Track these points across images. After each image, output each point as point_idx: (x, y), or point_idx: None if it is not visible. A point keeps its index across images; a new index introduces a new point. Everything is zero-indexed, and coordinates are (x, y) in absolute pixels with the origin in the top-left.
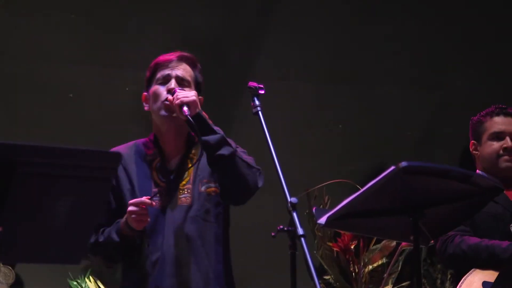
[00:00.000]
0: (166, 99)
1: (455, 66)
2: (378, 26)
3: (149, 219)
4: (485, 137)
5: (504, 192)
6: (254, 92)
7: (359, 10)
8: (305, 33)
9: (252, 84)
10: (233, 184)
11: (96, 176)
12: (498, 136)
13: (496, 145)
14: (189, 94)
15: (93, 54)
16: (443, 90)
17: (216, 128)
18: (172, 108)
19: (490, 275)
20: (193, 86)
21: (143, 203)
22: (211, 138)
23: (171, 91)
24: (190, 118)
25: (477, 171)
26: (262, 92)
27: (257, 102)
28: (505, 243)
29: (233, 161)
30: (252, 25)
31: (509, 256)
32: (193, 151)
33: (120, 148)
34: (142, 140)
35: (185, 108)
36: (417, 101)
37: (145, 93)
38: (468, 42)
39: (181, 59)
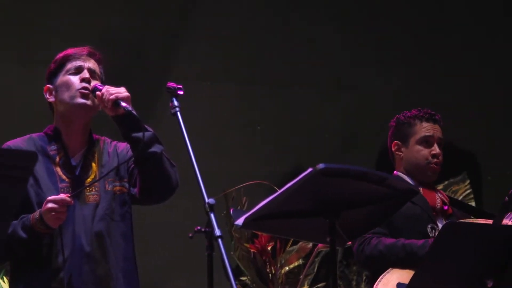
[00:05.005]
0: (83, 87)
1: (373, 68)
2: (297, 27)
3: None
4: (413, 140)
5: (422, 193)
6: (173, 93)
7: (279, 12)
8: (224, 34)
9: (171, 84)
10: (159, 182)
11: (12, 176)
12: (428, 141)
13: (425, 151)
14: (122, 90)
15: (9, 53)
16: (361, 92)
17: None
18: (89, 96)
19: (407, 274)
20: (99, 82)
21: (63, 201)
22: (143, 135)
23: (85, 80)
24: (132, 111)
25: (396, 172)
26: (181, 92)
27: (175, 103)
28: (421, 241)
29: (162, 159)
30: (172, 25)
31: (426, 254)
32: (93, 149)
33: (17, 142)
34: (37, 134)
35: (123, 104)
36: (335, 103)
37: (48, 85)
38: (386, 44)
39: (90, 54)
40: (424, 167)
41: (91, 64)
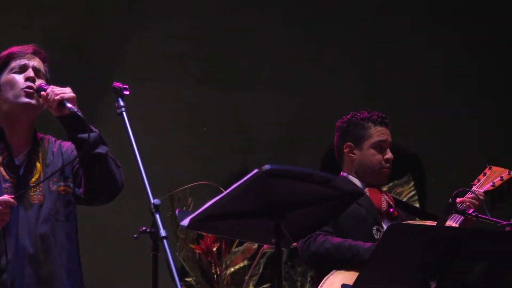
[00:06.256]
0: (28, 87)
1: (319, 69)
2: (244, 28)
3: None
4: (367, 144)
5: (369, 195)
6: (119, 93)
7: (225, 13)
8: (171, 35)
9: (117, 84)
10: (104, 183)
11: None
12: (382, 146)
13: (379, 155)
14: (67, 90)
15: None
16: (306, 93)
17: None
18: (33, 96)
19: (351, 276)
20: (44, 81)
21: (6, 202)
22: (88, 136)
23: (30, 79)
24: (78, 112)
25: (342, 173)
26: (127, 93)
27: (121, 103)
28: (367, 244)
29: (107, 160)
30: (117, 25)
31: (370, 255)
32: (38, 148)
33: None
34: None
35: (69, 105)
36: (280, 104)
37: None
38: (332, 46)
39: (35, 53)
40: (377, 171)
41: (36, 62)
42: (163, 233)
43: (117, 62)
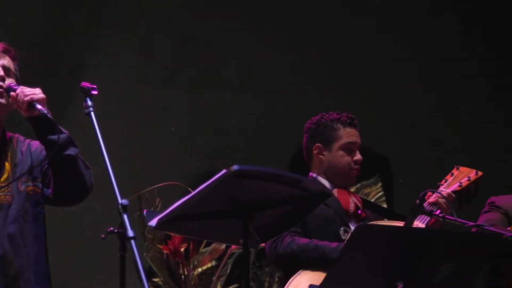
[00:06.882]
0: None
1: (284, 70)
2: (211, 28)
3: None
4: (336, 145)
5: (337, 196)
6: (87, 93)
7: (193, 12)
8: (138, 34)
9: (85, 84)
10: (73, 184)
11: None
12: (351, 148)
13: (348, 157)
14: (37, 91)
15: None
16: (274, 93)
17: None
18: (3, 95)
19: (318, 277)
20: (14, 80)
21: None
22: (57, 137)
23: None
24: (47, 114)
25: (311, 173)
26: (95, 92)
27: (89, 103)
28: (334, 244)
29: (77, 161)
30: (85, 24)
31: (338, 256)
32: (6, 148)
33: None
34: None
35: (38, 106)
36: (249, 105)
37: None
38: (297, 46)
39: (5, 51)
40: (346, 173)
41: (5, 61)
42: (130, 233)
43: (85, 62)
